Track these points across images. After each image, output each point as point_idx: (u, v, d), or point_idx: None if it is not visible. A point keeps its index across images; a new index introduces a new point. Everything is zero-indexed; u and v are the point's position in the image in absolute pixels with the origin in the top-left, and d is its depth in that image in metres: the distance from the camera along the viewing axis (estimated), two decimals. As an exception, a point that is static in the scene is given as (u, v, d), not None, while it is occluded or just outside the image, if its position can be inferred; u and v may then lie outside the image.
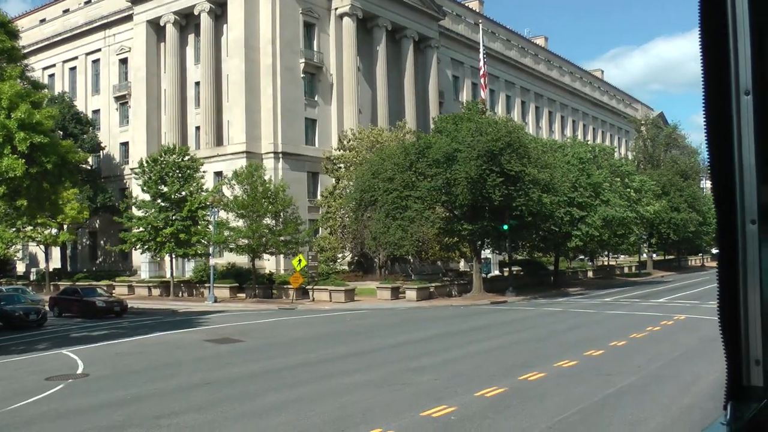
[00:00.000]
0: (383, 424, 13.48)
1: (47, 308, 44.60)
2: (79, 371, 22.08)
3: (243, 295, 55.57)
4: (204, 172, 60.06)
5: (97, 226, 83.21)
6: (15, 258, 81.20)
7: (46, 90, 34.20)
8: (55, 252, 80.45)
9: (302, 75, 74.34)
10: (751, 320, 2.13)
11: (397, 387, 17.53)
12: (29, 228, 66.59)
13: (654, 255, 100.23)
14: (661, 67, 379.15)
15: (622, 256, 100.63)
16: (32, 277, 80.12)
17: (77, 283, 59.40)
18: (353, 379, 18.92)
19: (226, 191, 56.53)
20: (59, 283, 66.60)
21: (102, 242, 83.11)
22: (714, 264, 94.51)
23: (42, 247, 71.96)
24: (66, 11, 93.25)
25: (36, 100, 29.82)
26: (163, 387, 18.72)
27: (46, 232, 68.49)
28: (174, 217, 55.10)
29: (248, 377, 19.86)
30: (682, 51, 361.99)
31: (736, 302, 2.13)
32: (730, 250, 2.11)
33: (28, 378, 21.11)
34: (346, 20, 77.04)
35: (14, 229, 67.11)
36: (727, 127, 2.08)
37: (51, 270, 74.05)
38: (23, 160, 27.34)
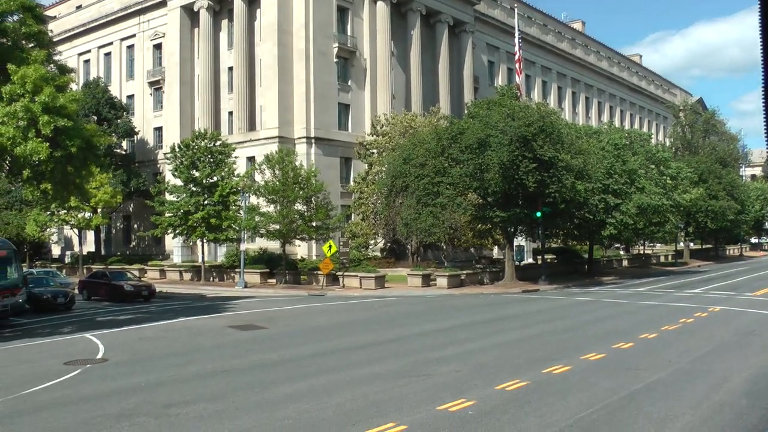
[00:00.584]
0: (397, 418, 13.01)
1: (76, 291, 44.83)
2: (99, 356, 21.91)
3: (273, 281, 55.40)
4: (236, 157, 59.89)
5: (131, 210, 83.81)
6: (50, 241, 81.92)
7: (72, 74, 33.86)
8: (90, 235, 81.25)
9: (335, 60, 73.91)
10: None
11: (416, 378, 17.04)
12: (63, 212, 66.97)
13: (691, 244, 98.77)
14: (701, 53, 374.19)
15: (658, 244, 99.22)
16: (67, 260, 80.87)
17: (109, 267, 59.68)
18: (373, 369, 18.47)
19: (258, 177, 56.34)
20: (92, 266, 67.11)
21: (135, 226, 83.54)
22: (754, 254, 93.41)
23: (76, 230, 72.47)
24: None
25: (61, 83, 29.66)
26: (178, 374, 18.43)
27: (80, 215, 68.90)
28: (205, 202, 55.01)
29: (266, 365, 19.52)
30: (724, 36, 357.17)
31: None
32: None
33: (48, 362, 20.96)
34: (380, 4, 76.40)
35: (49, 213, 67.59)
36: None
37: (85, 253, 74.71)
38: (47, 144, 27.24)
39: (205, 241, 57.09)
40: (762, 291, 42.34)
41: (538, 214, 50.41)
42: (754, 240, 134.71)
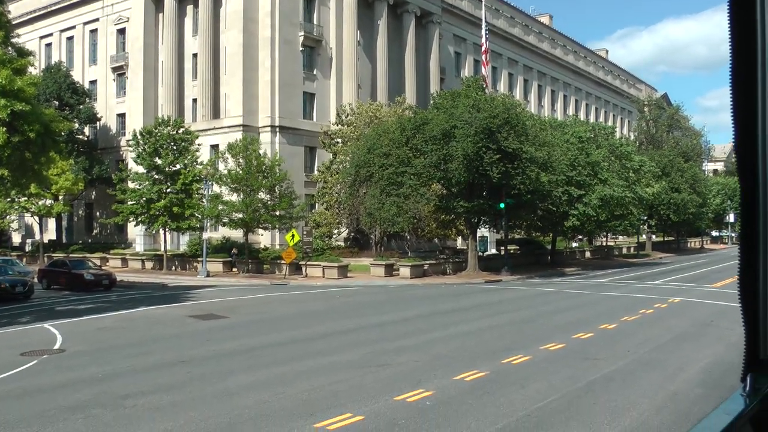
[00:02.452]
0: (354, 408, 12.95)
1: (35, 280, 44.17)
2: (56, 346, 21.60)
3: (236, 270, 55.14)
4: (199, 144, 59.47)
5: (93, 197, 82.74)
6: (10, 229, 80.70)
7: (32, 57, 33.16)
8: (51, 223, 79.99)
9: (301, 48, 73.44)
10: None
11: (375, 368, 17.00)
12: (23, 199, 65.95)
13: (653, 236, 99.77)
14: (668, 49, 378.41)
15: (620, 237, 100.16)
16: (27, 248, 79.66)
17: (70, 256, 58.93)
18: (331, 359, 18.40)
19: (221, 165, 55.95)
20: (53, 254, 66.08)
21: (98, 214, 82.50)
22: (714, 246, 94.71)
23: (36, 218, 71.40)
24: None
25: (19, 66, 29.09)
26: (136, 365, 18.18)
27: (41, 203, 67.88)
28: (168, 190, 54.53)
29: (225, 355, 19.34)
30: (690, 33, 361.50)
31: (756, 276, 2.15)
32: (751, 224, 2.14)
33: (3, 352, 20.59)
34: (347, -7, 76.08)
35: (8, 200, 66.55)
36: (753, 105, 2.06)
37: (46, 241, 73.61)
38: (4, 129, 26.74)
39: (167, 229, 56.63)
40: (721, 282, 42.86)
41: (502, 205, 50.56)
42: (714, 233, 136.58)
